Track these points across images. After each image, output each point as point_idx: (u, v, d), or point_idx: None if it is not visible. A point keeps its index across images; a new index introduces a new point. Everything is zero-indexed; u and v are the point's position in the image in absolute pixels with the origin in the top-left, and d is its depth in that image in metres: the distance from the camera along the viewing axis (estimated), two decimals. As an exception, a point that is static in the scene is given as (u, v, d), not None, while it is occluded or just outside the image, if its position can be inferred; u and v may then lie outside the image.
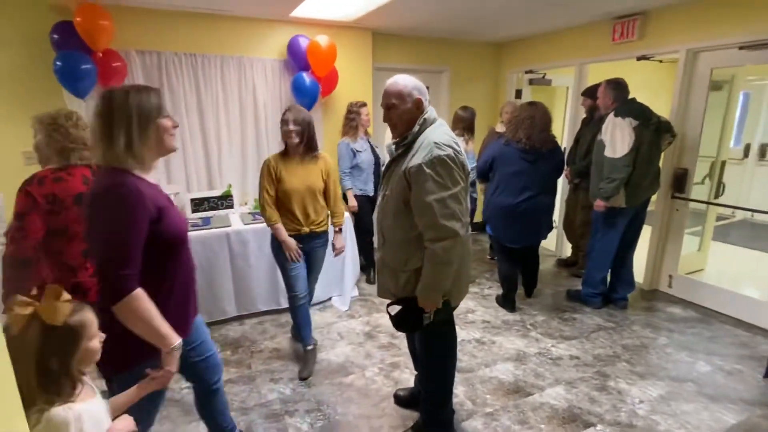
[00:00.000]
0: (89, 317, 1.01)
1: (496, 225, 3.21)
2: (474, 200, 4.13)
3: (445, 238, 1.61)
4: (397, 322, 1.85)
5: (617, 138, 3.02)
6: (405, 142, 1.73)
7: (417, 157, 1.63)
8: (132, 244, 1.21)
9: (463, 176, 1.66)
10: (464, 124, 3.96)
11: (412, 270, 1.75)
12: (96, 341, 1.03)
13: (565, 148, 4.80)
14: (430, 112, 1.76)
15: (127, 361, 1.31)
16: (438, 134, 1.67)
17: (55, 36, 3.00)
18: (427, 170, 1.59)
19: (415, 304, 1.75)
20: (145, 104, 1.27)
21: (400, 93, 1.71)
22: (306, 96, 3.75)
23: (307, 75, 3.73)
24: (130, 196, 1.20)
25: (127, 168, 1.26)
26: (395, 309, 1.84)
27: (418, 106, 1.72)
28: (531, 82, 5.01)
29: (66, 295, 0.97)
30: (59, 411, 0.92)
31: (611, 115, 3.09)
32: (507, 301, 3.43)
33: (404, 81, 1.73)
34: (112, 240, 1.19)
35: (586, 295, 3.46)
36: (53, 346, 0.94)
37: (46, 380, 0.93)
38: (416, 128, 1.71)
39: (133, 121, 1.25)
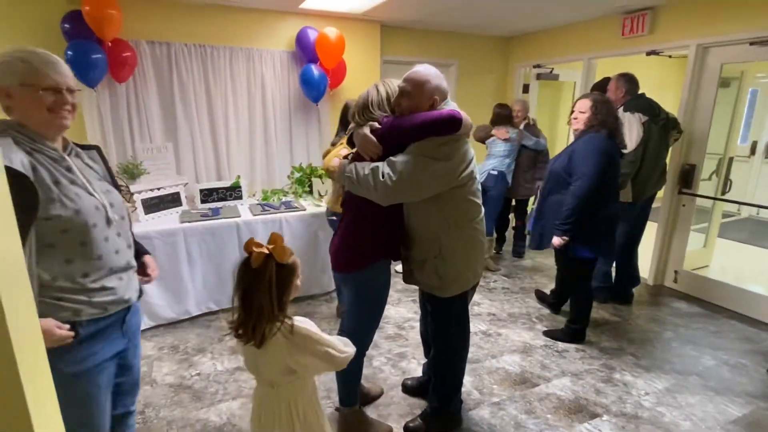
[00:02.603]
0: (298, 261, 1.30)
1: (602, 242, 2.61)
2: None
3: (382, 180, 1.60)
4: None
5: (625, 133, 3.01)
6: None
7: None
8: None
9: (427, 168, 1.61)
10: (507, 119, 4.01)
11: (429, 258, 1.78)
12: (299, 281, 1.31)
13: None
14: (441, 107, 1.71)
15: (356, 265, 1.79)
16: None
17: (66, 25, 3.01)
18: (419, 146, 1.61)
19: None
20: (392, 89, 1.75)
21: (420, 85, 1.65)
22: (314, 88, 3.76)
23: (315, 67, 3.74)
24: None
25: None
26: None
27: (432, 106, 1.68)
28: (539, 76, 5.00)
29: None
30: (298, 317, 1.28)
31: (620, 110, 3.08)
32: (583, 334, 2.89)
33: (429, 75, 1.67)
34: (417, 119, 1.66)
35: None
36: (282, 277, 1.23)
37: (279, 303, 1.23)
38: None
39: (384, 100, 1.74)
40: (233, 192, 3.51)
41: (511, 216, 4.55)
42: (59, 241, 1.16)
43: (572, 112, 2.72)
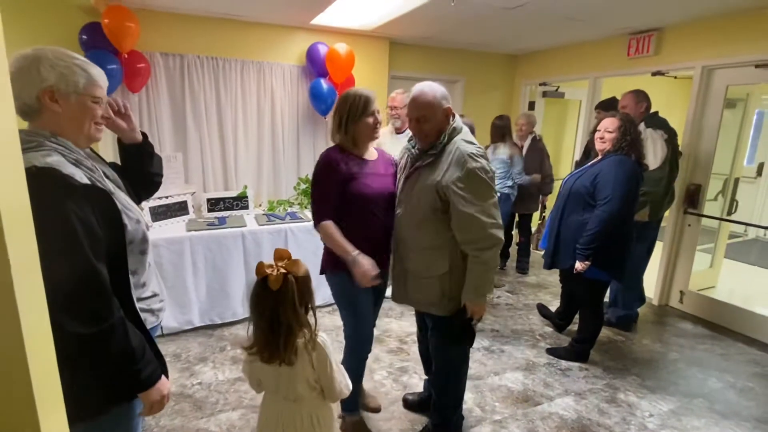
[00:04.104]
0: (307, 267, 1.32)
1: (617, 264, 2.57)
2: None
3: (492, 246, 1.65)
4: (454, 339, 1.86)
5: (649, 150, 2.97)
6: (433, 152, 1.71)
7: (453, 171, 1.63)
8: (323, 191, 1.81)
9: (493, 185, 1.69)
10: (502, 131, 4.01)
11: (436, 276, 1.76)
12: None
13: (576, 161, 4.83)
14: (457, 121, 1.75)
15: (325, 267, 1.94)
16: (467, 145, 1.67)
17: (84, 36, 3.10)
18: (467, 184, 1.61)
19: (462, 317, 1.76)
20: (353, 105, 1.79)
21: (431, 104, 1.67)
22: (323, 101, 3.82)
23: (324, 81, 3.80)
24: (323, 161, 1.82)
25: (341, 144, 1.86)
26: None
27: (447, 116, 1.70)
28: (544, 94, 5.04)
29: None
30: (323, 335, 1.32)
31: (642, 126, 3.05)
32: (588, 353, 2.88)
33: (433, 91, 1.69)
34: (313, 185, 1.85)
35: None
36: (302, 288, 1.26)
37: (304, 317, 1.27)
38: (445, 138, 1.70)
39: (347, 115, 1.80)
40: (240, 202, 3.55)
41: (515, 232, 4.55)
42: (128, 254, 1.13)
43: (597, 130, 2.64)
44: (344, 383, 1.36)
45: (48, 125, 1.05)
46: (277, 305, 1.22)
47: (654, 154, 3.00)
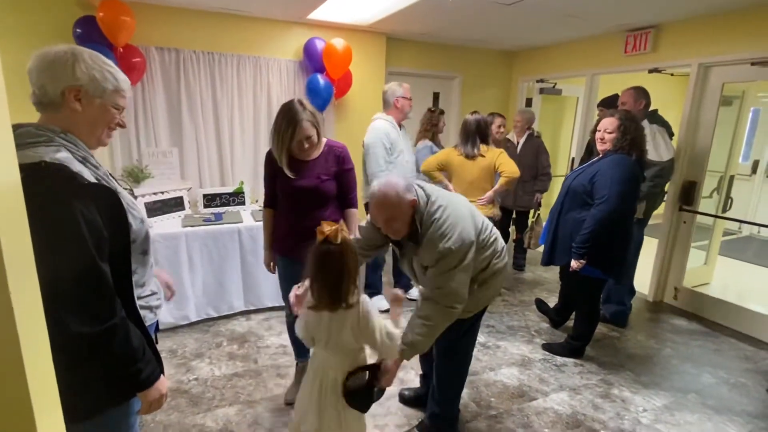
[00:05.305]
0: None
1: (615, 263, 2.56)
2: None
3: (445, 306, 1.65)
4: (353, 396, 1.56)
5: (660, 142, 3.00)
6: (412, 242, 1.72)
7: (429, 254, 1.65)
8: (264, 181, 2.21)
9: (464, 255, 1.64)
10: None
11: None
12: None
13: (573, 158, 4.84)
14: (420, 204, 1.67)
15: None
16: (436, 223, 1.64)
17: (78, 30, 3.07)
18: (438, 263, 1.63)
19: (374, 375, 1.58)
20: (282, 136, 1.95)
21: (396, 204, 1.61)
22: (320, 97, 3.81)
23: (321, 77, 3.79)
24: (265, 156, 2.16)
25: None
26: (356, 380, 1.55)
27: (413, 205, 1.65)
28: (542, 91, 5.05)
29: None
30: (365, 296, 1.49)
31: (646, 122, 3.04)
32: (583, 350, 2.90)
33: (393, 190, 1.61)
34: None
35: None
36: (355, 250, 1.45)
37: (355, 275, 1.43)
38: (419, 226, 1.66)
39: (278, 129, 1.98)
40: (236, 198, 3.54)
41: (512, 229, 4.55)
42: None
43: (597, 130, 2.61)
44: (388, 338, 1.49)
45: (62, 121, 1.05)
46: (343, 254, 1.38)
47: (666, 145, 3.05)
